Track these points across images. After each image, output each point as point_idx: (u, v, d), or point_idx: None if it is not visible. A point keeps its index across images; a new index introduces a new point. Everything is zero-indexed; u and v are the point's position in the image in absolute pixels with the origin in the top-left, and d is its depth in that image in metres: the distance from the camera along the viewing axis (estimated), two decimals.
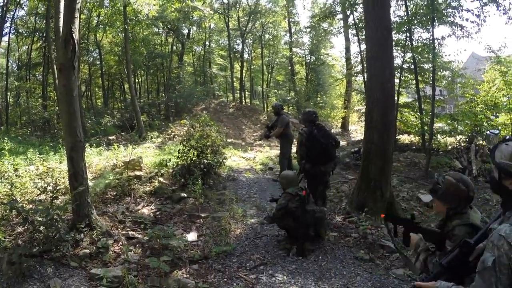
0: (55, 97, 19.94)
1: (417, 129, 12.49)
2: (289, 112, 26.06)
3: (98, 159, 9.70)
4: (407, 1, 12.24)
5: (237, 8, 30.33)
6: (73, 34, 5.05)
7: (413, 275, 3.74)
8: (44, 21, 20.56)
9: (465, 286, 1.72)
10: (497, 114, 12.44)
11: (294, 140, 9.39)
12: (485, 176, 8.98)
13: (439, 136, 11.47)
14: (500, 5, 10.95)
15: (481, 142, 11.39)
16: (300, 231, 5.09)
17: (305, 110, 6.72)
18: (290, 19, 29.81)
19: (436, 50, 11.43)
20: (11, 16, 21.82)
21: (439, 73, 12.57)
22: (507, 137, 1.83)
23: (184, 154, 8.33)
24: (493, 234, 1.61)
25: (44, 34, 21.19)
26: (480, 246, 1.78)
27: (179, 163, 8.35)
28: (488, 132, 10.70)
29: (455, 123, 11.68)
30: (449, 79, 14.12)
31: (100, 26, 24.63)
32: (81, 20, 13.30)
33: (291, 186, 5.41)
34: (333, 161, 6.04)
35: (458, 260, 1.85)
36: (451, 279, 1.79)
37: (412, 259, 2.46)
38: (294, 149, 9.92)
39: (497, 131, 10.60)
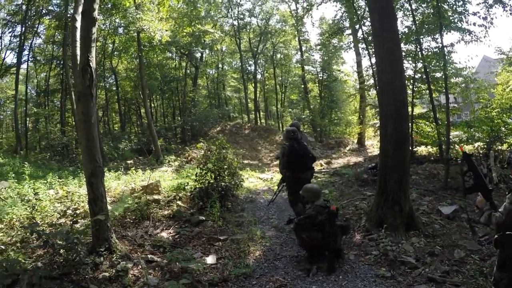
0: (73, 123, 20.47)
1: (433, 139, 12.35)
2: (304, 131, 26.03)
3: (117, 184, 9.83)
4: (414, 11, 12.26)
5: (248, 30, 30.79)
6: (90, 63, 5.23)
7: None
8: (61, 49, 21.26)
9: None
10: None
11: None
12: (507, 182, 8.79)
13: (456, 145, 11.30)
14: (507, 5, 10.90)
15: (500, 147, 11.17)
16: (329, 245, 5.06)
17: (286, 128, 7.52)
18: (300, 38, 30.13)
19: (446, 58, 11.38)
20: (29, 44, 22.76)
21: (451, 80, 12.53)
22: None
23: (202, 177, 8.37)
24: None
25: (62, 62, 21.92)
26: None
27: (197, 186, 8.39)
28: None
29: (472, 130, 11.51)
30: (463, 85, 14.01)
31: (115, 52, 25.42)
32: (96, 48, 13.72)
33: (318, 199, 5.39)
34: (310, 171, 6.96)
35: None
36: None
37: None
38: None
39: None
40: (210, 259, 5.59)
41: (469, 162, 3.55)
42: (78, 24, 5.80)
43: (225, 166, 8.83)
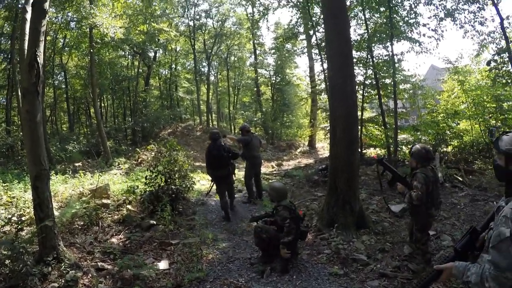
0: (19, 122, 19.34)
1: (382, 142, 12.86)
2: (255, 133, 26.23)
3: (64, 187, 9.42)
4: (367, 20, 12.73)
5: (203, 31, 30.59)
6: (38, 58, 4.96)
7: None
8: (9, 42, 20.04)
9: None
10: (457, 122, 13.00)
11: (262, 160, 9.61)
12: (452, 182, 9.35)
13: (403, 147, 11.85)
14: (456, 19, 11.56)
15: (445, 149, 11.82)
16: (291, 248, 5.13)
17: (210, 130, 8.42)
18: (255, 41, 30.33)
19: (396, 65, 11.91)
20: None
21: (400, 86, 13.10)
22: (507, 130, 2.17)
23: (152, 180, 8.19)
24: (504, 210, 1.88)
25: (9, 56, 20.62)
26: (483, 235, 2.15)
27: (147, 189, 8.20)
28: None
29: (419, 133, 12.10)
30: (411, 91, 14.72)
31: (66, 48, 24.35)
32: (46, 42, 13.08)
33: (284, 199, 5.43)
34: (226, 167, 7.93)
35: (468, 244, 2.19)
36: (463, 260, 2.11)
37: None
38: (261, 169, 10.04)
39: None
40: (163, 265, 5.49)
41: (383, 164, 4.91)
42: (28, 16, 5.48)
43: (176, 169, 8.70)
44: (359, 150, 11.09)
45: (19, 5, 16.17)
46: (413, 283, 3.78)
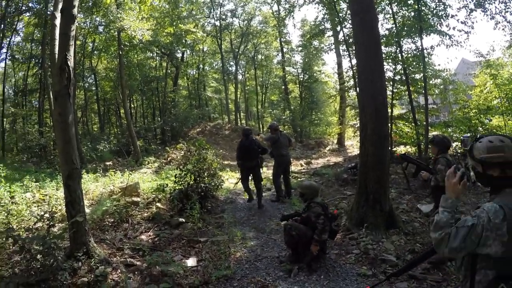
0: (51, 123, 19.99)
1: (412, 139, 12.53)
2: (283, 131, 26.11)
3: (95, 186, 9.63)
4: (394, 14, 12.43)
5: (229, 31, 30.73)
6: (68, 62, 5.09)
7: None
8: (40, 47, 20.79)
9: None
10: (490, 118, 12.53)
11: (291, 159, 9.60)
12: None
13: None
14: (487, 10, 11.14)
15: None
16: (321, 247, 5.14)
17: (244, 129, 9.49)
18: (282, 39, 30.20)
19: (426, 60, 11.56)
20: (8, 42, 22.06)
21: (430, 82, 12.71)
22: (478, 136, 2.23)
23: (181, 179, 8.27)
24: (480, 208, 2.05)
25: (40, 60, 21.40)
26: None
27: (177, 187, 8.29)
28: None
29: (450, 130, 11.72)
30: (441, 87, 14.28)
31: (95, 52, 24.98)
32: (76, 47, 13.45)
33: (316, 196, 5.41)
34: (255, 159, 8.60)
35: None
36: None
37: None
38: (290, 167, 9.98)
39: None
40: (191, 262, 5.52)
41: (405, 158, 5.44)
42: (58, 22, 5.62)
43: (205, 167, 8.76)
44: (389, 148, 10.85)
45: (48, 12, 16.68)
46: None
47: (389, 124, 11.55)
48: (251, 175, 8.87)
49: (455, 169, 2.22)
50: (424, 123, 11.62)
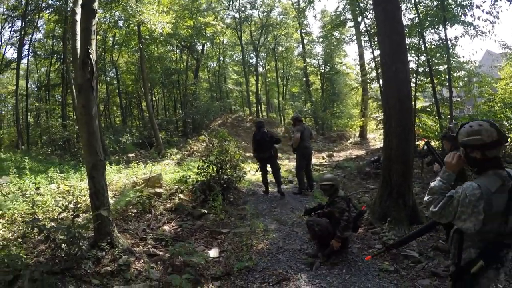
0: (74, 117, 20.48)
1: (436, 133, 12.26)
2: (306, 123, 25.94)
3: (118, 177, 9.80)
4: (417, 4, 12.12)
5: (249, 23, 30.61)
6: (90, 56, 5.18)
7: None
8: (61, 43, 21.19)
9: None
10: None
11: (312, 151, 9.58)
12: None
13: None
14: None
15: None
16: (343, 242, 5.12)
17: (257, 121, 9.68)
18: (302, 30, 29.88)
19: (450, 51, 11.26)
20: (29, 39, 22.65)
21: (454, 74, 12.38)
22: (463, 123, 2.47)
23: (204, 170, 8.32)
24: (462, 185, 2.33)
25: (62, 56, 21.85)
26: None
27: (199, 179, 8.34)
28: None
29: None
30: (466, 79, 13.90)
31: (116, 46, 25.29)
32: (96, 41, 13.55)
33: (338, 190, 5.38)
34: (268, 151, 8.80)
35: None
36: None
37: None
38: (312, 160, 9.93)
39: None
40: (213, 253, 5.56)
41: (428, 145, 5.21)
42: (78, 17, 5.73)
43: (227, 159, 8.80)
44: (413, 141, 10.65)
45: (68, 8, 16.92)
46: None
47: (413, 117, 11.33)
48: (268, 166, 9.15)
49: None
50: (448, 116, 11.34)
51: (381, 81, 10.57)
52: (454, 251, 2.48)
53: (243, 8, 30.18)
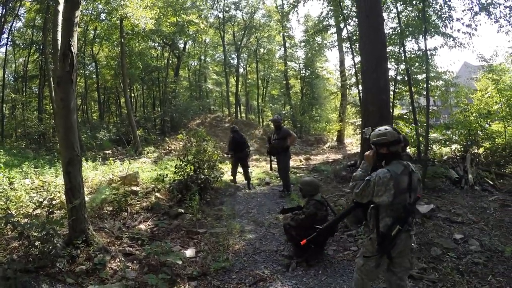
0: (51, 110, 19.98)
1: (412, 140, 12.51)
2: (284, 126, 26.04)
3: (94, 174, 9.65)
4: (399, 13, 12.37)
5: (232, 23, 30.58)
6: (72, 48, 5.06)
7: None
8: (42, 34, 20.61)
9: None
10: (490, 123, 12.51)
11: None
12: (482, 185, 9.00)
13: (434, 146, 11.51)
14: (491, 13, 11.10)
15: (476, 151, 11.42)
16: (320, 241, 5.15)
17: (231, 126, 11.28)
18: (285, 34, 30.02)
19: (429, 61, 11.53)
20: (9, 28, 21.86)
21: (432, 83, 12.69)
22: (373, 128, 3.39)
23: (181, 169, 8.29)
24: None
25: (41, 47, 21.25)
26: None
27: (176, 178, 8.31)
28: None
29: (450, 132, 11.72)
30: (443, 89, 14.26)
31: (97, 39, 24.80)
32: (77, 34, 13.36)
33: (316, 193, 5.37)
34: (244, 151, 10.19)
35: None
36: None
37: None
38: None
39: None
40: (189, 252, 5.54)
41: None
42: (61, 7, 5.61)
43: (205, 159, 8.78)
44: None
45: None
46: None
47: (391, 124, 11.54)
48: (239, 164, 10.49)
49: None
50: (425, 124, 11.59)
51: (360, 87, 10.73)
52: (373, 223, 3.26)
53: (227, 8, 30.11)
